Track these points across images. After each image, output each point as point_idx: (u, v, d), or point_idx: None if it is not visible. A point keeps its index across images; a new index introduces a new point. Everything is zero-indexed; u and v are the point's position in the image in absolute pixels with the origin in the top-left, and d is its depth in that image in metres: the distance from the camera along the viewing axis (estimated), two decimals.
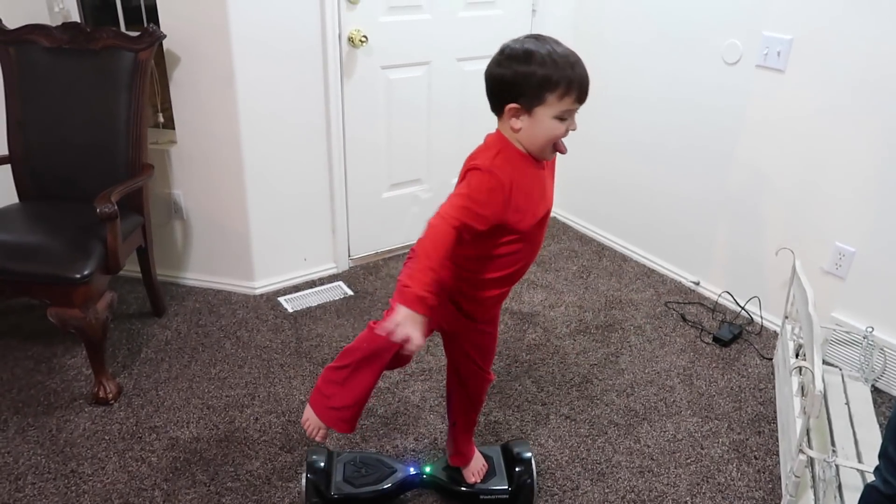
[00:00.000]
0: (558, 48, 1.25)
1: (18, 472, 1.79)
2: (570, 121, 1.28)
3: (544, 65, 1.22)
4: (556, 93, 1.23)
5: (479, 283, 1.41)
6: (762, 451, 1.93)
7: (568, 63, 1.23)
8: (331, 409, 1.45)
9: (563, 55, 1.24)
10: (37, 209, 2.21)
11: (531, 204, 1.33)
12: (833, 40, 2.13)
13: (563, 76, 1.22)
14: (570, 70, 1.23)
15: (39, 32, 2.22)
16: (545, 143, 1.29)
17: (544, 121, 1.26)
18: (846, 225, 2.22)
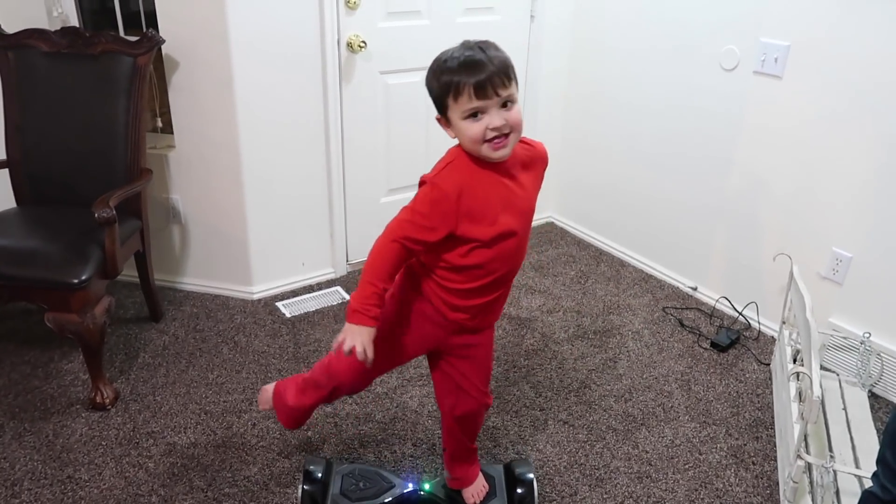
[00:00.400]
0: (462, 52, 1.25)
1: (15, 477, 1.78)
2: (486, 116, 1.24)
3: (437, 73, 1.26)
4: (451, 95, 1.25)
5: (459, 294, 1.40)
6: (760, 457, 1.94)
7: (462, 65, 1.23)
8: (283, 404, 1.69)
9: (455, 57, 1.24)
10: (35, 214, 2.21)
11: (489, 210, 1.31)
12: (830, 47, 2.14)
13: (449, 79, 1.24)
14: (462, 69, 1.23)
15: (38, 37, 2.22)
16: (475, 145, 1.27)
17: (459, 124, 1.27)
18: (843, 230, 2.23)
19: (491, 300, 1.43)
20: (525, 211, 1.37)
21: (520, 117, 1.27)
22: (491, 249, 1.33)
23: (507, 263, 1.38)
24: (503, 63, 1.24)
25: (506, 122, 1.25)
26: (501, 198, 1.32)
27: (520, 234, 1.36)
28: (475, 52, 1.24)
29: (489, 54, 1.24)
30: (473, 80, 1.22)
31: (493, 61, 1.23)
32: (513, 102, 1.26)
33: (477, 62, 1.23)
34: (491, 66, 1.22)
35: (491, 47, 1.26)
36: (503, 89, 1.23)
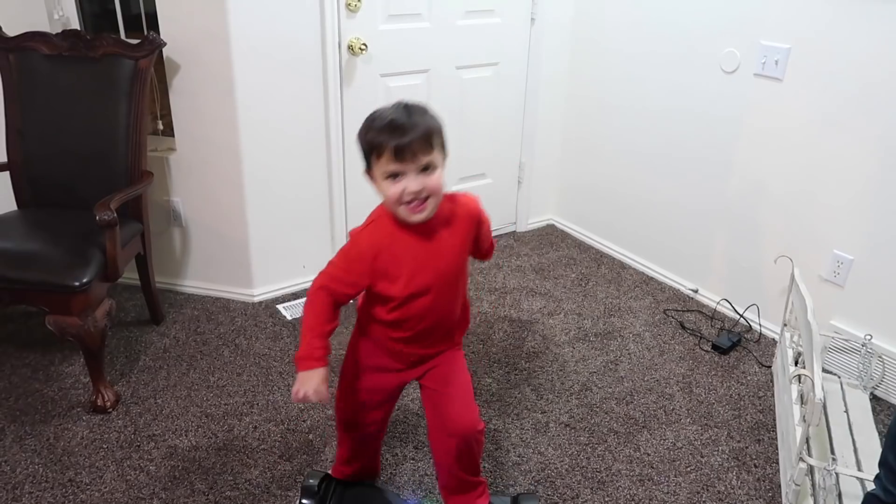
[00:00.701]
0: (391, 113, 1.29)
1: (16, 480, 1.78)
2: (405, 179, 1.28)
3: (365, 131, 1.31)
4: (374, 154, 1.30)
5: (395, 340, 1.48)
6: (762, 460, 1.93)
7: (387, 125, 1.27)
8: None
9: (386, 118, 1.28)
10: (36, 217, 2.21)
11: (404, 270, 1.37)
12: (831, 49, 2.14)
13: (373, 139, 1.28)
14: (385, 130, 1.27)
15: (39, 40, 2.23)
16: (393, 206, 1.32)
17: (380, 183, 1.31)
18: (844, 233, 2.23)
19: (430, 341, 1.49)
20: (443, 269, 1.40)
21: (439, 183, 1.31)
22: (407, 307, 1.40)
23: (428, 318, 1.44)
24: (427, 130, 1.28)
25: (423, 187, 1.28)
26: (417, 258, 1.38)
27: (434, 291, 1.40)
28: (401, 116, 1.28)
29: (414, 119, 1.27)
30: (394, 143, 1.26)
31: (416, 127, 1.26)
32: (433, 168, 1.29)
33: (400, 126, 1.26)
34: (413, 132, 1.26)
35: (419, 112, 1.30)
36: (423, 155, 1.27)
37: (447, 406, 1.50)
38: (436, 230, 1.38)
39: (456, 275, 1.43)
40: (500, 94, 2.98)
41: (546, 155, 3.22)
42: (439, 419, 1.51)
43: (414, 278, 1.38)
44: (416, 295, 1.39)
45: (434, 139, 1.29)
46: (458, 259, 1.43)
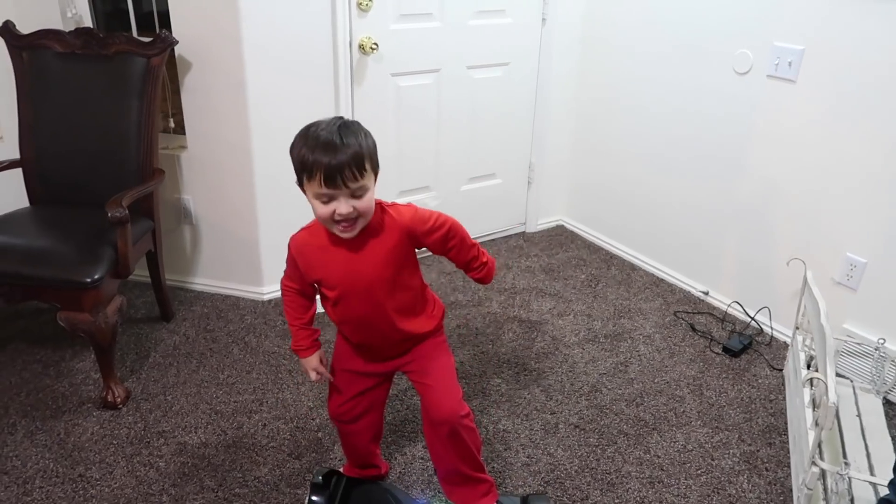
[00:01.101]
0: (324, 132, 1.28)
1: (27, 475, 1.79)
2: (335, 202, 1.30)
3: (298, 146, 1.31)
4: (305, 174, 1.30)
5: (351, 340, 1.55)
6: (773, 463, 1.92)
7: (319, 146, 1.26)
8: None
9: (320, 139, 1.27)
10: (48, 213, 2.22)
11: (331, 276, 1.43)
12: (845, 51, 2.13)
13: (305, 158, 1.28)
14: (318, 154, 1.26)
15: (52, 38, 2.24)
16: (324, 223, 1.35)
17: (312, 201, 1.33)
18: (857, 236, 2.21)
19: (381, 341, 1.52)
20: (367, 277, 1.41)
21: (370, 204, 1.32)
22: (342, 309, 1.46)
23: (365, 321, 1.47)
24: (357, 155, 1.27)
25: (353, 209, 1.30)
26: (342, 265, 1.41)
27: (361, 297, 1.43)
28: (333, 137, 1.26)
29: (346, 142, 1.26)
30: (324, 168, 1.26)
31: (348, 150, 1.26)
32: (364, 190, 1.30)
33: (332, 148, 1.26)
34: (344, 157, 1.25)
35: (352, 133, 1.28)
36: (353, 182, 1.27)
37: (427, 395, 1.53)
38: (363, 240, 1.40)
39: (382, 283, 1.42)
40: (510, 94, 2.98)
41: (556, 155, 3.21)
42: (424, 410, 1.54)
43: (340, 283, 1.43)
44: (343, 298, 1.44)
45: (365, 163, 1.29)
46: (384, 268, 1.42)
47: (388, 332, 1.49)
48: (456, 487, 1.61)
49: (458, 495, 1.62)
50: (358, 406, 1.60)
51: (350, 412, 1.61)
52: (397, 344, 1.53)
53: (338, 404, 1.61)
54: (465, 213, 3.08)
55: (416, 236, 1.43)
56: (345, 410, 1.60)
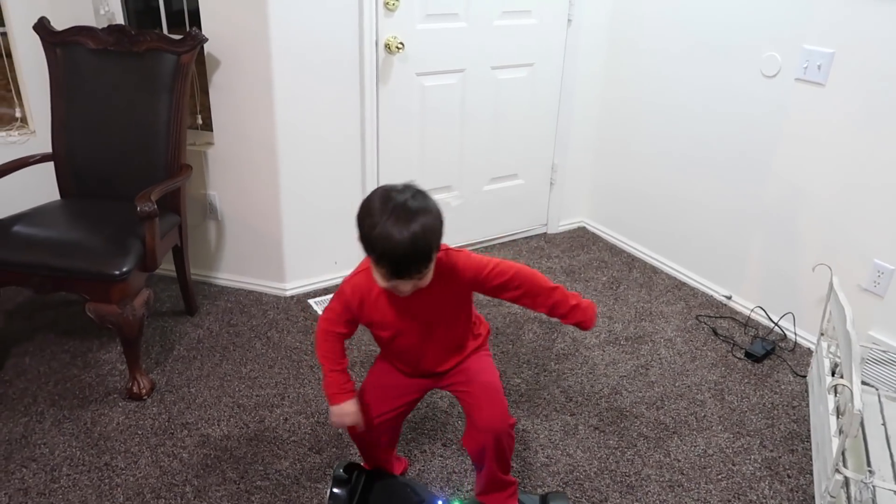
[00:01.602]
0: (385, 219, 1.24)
1: (54, 463, 1.83)
2: (397, 284, 1.31)
3: (362, 228, 1.29)
4: (372, 256, 1.30)
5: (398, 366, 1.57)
6: (795, 470, 1.90)
7: (387, 236, 1.24)
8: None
9: (380, 225, 1.24)
10: (78, 207, 2.26)
11: (386, 318, 1.45)
12: (875, 54, 2.10)
13: (371, 246, 1.28)
14: (385, 245, 1.25)
15: (86, 34, 2.28)
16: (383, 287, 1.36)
17: (375, 269, 1.33)
18: (885, 242, 2.18)
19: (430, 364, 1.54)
20: (426, 322, 1.45)
21: (428, 279, 1.33)
22: (395, 344, 1.49)
23: (419, 352, 1.50)
24: (425, 250, 1.26)
25: (414, 287, 1.33)
26: (398, 311, 1.43)
27: (416, 335, 1.47)
28: (399, 231, 1.22)
29: (413, 233, 1.22)
30: (391, 265, 1.26)
31: (416, 245, 1.23)
32: (427, 273, 1.32)
33: (401, 245, 1.23)
34: (412, 254, 1.24)
35: (421, 214, 1.24)
36: (417, 275, 1.29)
37: (475, 404, 1.52)
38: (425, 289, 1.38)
39: (438, 323, 1.47)
40: (534, 95, 2.98)
41: (579, 156, 3.21)
42: (470, 418, 1.53)
43: (395, 325, 1.45)
44: (397, 337, 1.47)
45: (432, 254, 1.29)
46: (441, 311, 1.45)
47: (438, 358, 1.53)
48: (487, 493, 1.61)
49: (489, 498, 1.62)
50: (384, 424, 1.59)
51: (376, 430, 1.59)
52: (448, 358, 1.55)
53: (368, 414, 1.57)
54: (487, 214, 3.09)
55: (475, 284, 1.45)
56: (371, 427, 1.58)
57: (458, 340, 1.54)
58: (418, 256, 1.26)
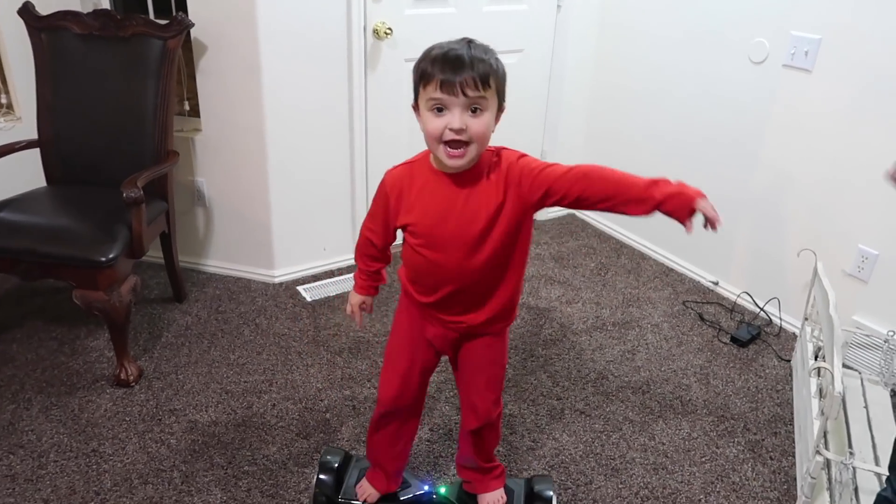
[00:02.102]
0: (447, 45, 1.20)
1: (41, 449, 1.83)
2: (449, 114, 1.18)
3: (420, 60, 1.22)
4: (423, 82, 1.20)
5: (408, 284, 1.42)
6: (778, 452, 1.93)
7: (442, 53, 1.18)
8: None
9: (442, 48, 1.19)
10: (64, 193, 2.25)
11: (424, 221, 1.30)
12: (862, 41, 2.11)
13: (425, 67, 1.19)
14: (439, 59, 1.18)
15: (71, 19, 2.26)
16: (432, 143, 1.23)
17: (424, 114, 1.22)
18: (870, 228, 2.20)
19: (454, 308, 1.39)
20: (466, 228, 1.28)
21: (484, 129, 1.21)
22: (423, 259, 1.32)
23: (446, 278, 1.33)
24: (484, 67, 1.18)
25: (465, 126, 1.18)
26: (442, 207, 1.28)
27: (452, 248, 1.29)
28: (460, 48, 1.18)
29: (473, 53, 1.18)
30: (443, 69, 1.17)
31: (473, 61, 1.17)
32: (482, 110, 1.20)
33: (456, 57, 1.17)
34: (468, 64, 1.16)
35: (482, 50, 1.20)
36: (472, 90, 1.17)
37: (465, 391, 1.53)
38: (471, 185, 1.26)
39: (481, 237, 1.28)
40: (524, 81, 2.97)
41: (568, 142, 3.21)
42: (464, 401, 1.55)
43: (432, 230, 1.30)
44: (430, 248, 1.31)
45: (490, 79, 1.18)
46: (488, 222, 1.27)
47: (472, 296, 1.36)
48: (468, 471, 1.65)
49: (469, 475, 1.65)
50: (410, 385, 1.50)
51: (403, 393, 1.50)
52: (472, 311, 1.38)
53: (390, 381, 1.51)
54: None
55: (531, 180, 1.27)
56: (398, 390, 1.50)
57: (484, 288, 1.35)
58: (474, 61, 1.16)
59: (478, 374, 1.49)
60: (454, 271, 1.32)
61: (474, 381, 1.50)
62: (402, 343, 1.51)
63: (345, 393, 2.08)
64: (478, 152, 1.24)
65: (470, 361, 1.48)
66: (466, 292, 1.35)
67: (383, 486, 1.65)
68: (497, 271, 1.35)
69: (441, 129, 1.19)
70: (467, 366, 1.49)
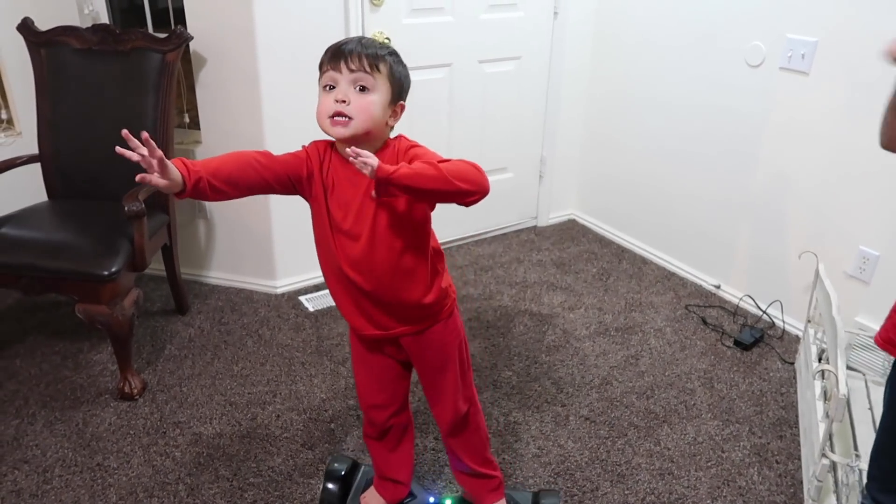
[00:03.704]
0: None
1: (46, 464, 1.83)
2: (336, 90, 1.23)
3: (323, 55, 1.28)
4: (320, 70, 1.27)
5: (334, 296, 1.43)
6: (784, 456, 1.92)
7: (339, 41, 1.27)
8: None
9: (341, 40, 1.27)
10: (66, 207, 2.26)
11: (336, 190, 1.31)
12: (859, 42, 2.11)
13: (324, 55, 1.26)
14: (332, 48, 1.26)
15: (70, 34, 2.27)
16: (323, 122, 1.26)
17: (319, 98, 1.27)
18: (870, 229, 2.20)
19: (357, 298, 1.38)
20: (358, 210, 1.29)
21: (367, 106, 1.23)
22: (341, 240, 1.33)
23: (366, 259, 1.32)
24: (374, 54, 1.23)
25: (347, 98, 1.22)
26: (349, 181, 1.30)
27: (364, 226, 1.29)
28: (353, 39, 1.26)
29: (364, 41, 1.25)
30: (333, 48, 1.25)
31: (365, 47, 1.23)
32: (369, 90, 1.23)
33: (346, 43, 1.25)
34: (355, 47, 1.23)
35: (376, 44, 1.26)
36: (359, 71, 1.22)
37: (426, 393, 1.53)
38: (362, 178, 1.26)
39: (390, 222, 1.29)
40: (522, 88, 2.98)
41: (568, 149, 3.22)
42: (430, 403, 1.54)
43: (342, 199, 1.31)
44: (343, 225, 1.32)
45: (379, 64, 1.23)
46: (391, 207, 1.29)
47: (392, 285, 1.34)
48: (465, 477, 1.63)
49: (468, 485, 1.64)
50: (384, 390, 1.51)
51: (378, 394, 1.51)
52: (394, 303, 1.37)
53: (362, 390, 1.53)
54: (476, 208, 3.07)
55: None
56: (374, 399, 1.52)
57: (412, 265, 1.34)
58: (363, 45, 1.23)
59: (428, 367, 1.47)
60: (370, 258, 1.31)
61: (427, 376, 1.49)
62: (358, 358, 1.51)
63: (349, 403, 2.07)
64: (360, 127, 1.24)
65: (420, 361, 1.47)
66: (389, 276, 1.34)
67: (390, 496, 1.65)
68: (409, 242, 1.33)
69: (330, 105, 1.24)
70: (417, 363, 1.48)
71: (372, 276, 1.33)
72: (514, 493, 1.70)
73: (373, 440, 1.60)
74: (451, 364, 1.48)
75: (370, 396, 1.53)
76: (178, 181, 1.22)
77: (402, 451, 1.62)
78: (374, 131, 1.27)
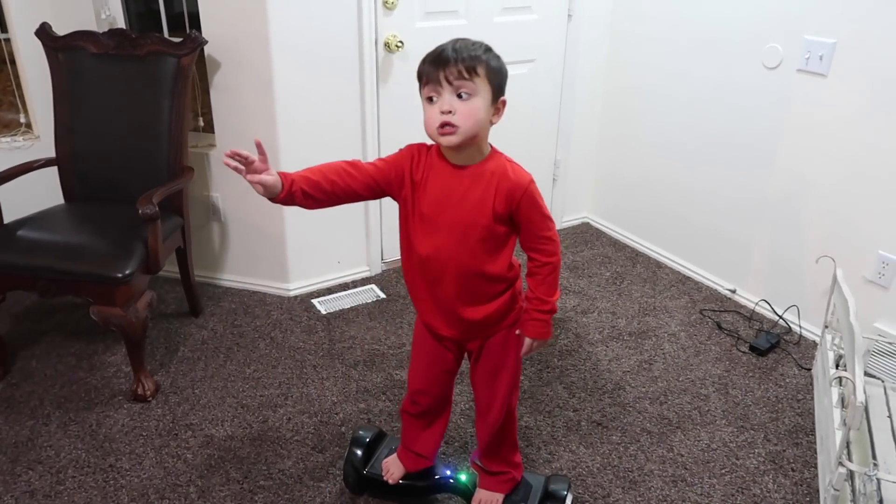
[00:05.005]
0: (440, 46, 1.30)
1: (60, 465, 1.84)
2: (439, 101, 1.28)
3: (421, 63, 1.32)
4: (419, 81, 1.32)
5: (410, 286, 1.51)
6: (800, 464, 1.89)
7: (430, 55, 1.30)
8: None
9: (438, 48, 1.30)
10: (82, 210, 2.28)
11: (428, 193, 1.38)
12: (878, 44, 2.08)
13: (421, 64, 1.31)
14: (427, 60, 1.30)
15: (87, 39, 2.29)
16: (430, 132, 1.32)
17: (424, 110, 1.32)
18: (890, 233, 2.16)
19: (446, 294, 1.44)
20: (455, 214, 1.36)
21: (472, 112, 1.28)
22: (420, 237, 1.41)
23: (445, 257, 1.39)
24: (469, 58, 1.26)
25: (452, 108, 1.27)
26: (439, 188, 1.37)
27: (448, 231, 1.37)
28: (447, 47, 1.28)
29: (458, 47, 1.28)
30: (430, 60, 1.28)
31: (459, 53, 1.26)
32: (471, 95, 1.27)
33: (441, 52, 1.28)
34: (453, 57, 1.26)
35: (474, 46, 1.29)
36: (458, 80, 1.26)
37: (475, 390, 1.62)
38: (468, 176, 1.35)
39: (468, 227, 1.36)
40: (536, 91, 2.97)
41: (582, 152, 3.20)
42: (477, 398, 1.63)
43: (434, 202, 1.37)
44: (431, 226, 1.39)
45: (477, 67, 1.27)
46: (474, 213, 1.35)
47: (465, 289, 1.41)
48: (483, 457, 1.67)
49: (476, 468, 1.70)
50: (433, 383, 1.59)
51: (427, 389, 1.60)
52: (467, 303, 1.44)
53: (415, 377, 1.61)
54: None
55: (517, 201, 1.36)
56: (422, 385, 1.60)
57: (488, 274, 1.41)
58: (458, 52, 1.26)
59: (485, 369, 1.55)
60: (449, 258, 1.39)
61: (481, 376, 1.57)
62: (419, 346, 1.60)
63: (360, 406, 2.07)
64: (467, 135, 1.30)
65: (483, 365, 1.56)
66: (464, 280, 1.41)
67: (412, 465, 1.70)
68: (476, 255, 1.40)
69: (435, 116, 1.28)
70: (481, 367, 1.57)
71: (452, 277, 1.41)
72: (528, 476, 1.73)
73: (409, 416, 1.67)
74: (505, 371, 1.55)
75: (419, 381, 1.61)
76: (278, 184, 1.33)
77: (433, 430, 1.68)
78: (480, 133, 1.33)
